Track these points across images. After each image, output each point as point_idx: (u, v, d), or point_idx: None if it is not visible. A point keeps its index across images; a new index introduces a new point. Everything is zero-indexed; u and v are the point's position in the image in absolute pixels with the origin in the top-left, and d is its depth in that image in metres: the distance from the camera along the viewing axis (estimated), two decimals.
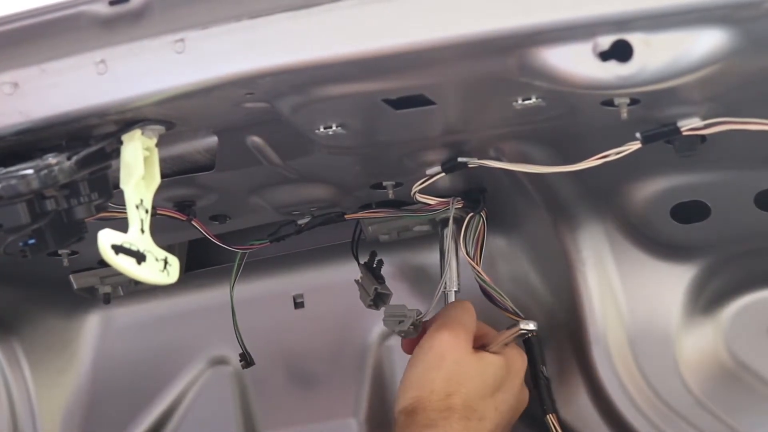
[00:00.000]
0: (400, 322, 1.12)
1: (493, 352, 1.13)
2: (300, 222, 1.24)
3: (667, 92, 0.82)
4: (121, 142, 0.89)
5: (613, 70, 0.78)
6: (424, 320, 1.14)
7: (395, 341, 1.34)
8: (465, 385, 1.08)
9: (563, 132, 0.96)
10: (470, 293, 1.19)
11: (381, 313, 1.19)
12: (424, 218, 1.21)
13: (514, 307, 1.19)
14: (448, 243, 1.16)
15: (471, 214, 1.16)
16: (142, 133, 0.89)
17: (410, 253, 1.35)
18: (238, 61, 0.83)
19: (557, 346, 1.24)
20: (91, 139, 0.90)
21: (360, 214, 1.21)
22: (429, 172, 1.08)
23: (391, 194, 1.13)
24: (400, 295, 1.28)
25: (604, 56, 0.78)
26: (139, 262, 0.85)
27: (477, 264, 1.17)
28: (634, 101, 0.84)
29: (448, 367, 1.09)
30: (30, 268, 1.27)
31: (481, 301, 1.20)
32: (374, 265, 1.27)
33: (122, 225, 0.87)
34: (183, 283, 1.32)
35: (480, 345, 1.13)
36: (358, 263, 1.27)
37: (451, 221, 1.15)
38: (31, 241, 0.86)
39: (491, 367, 1.12)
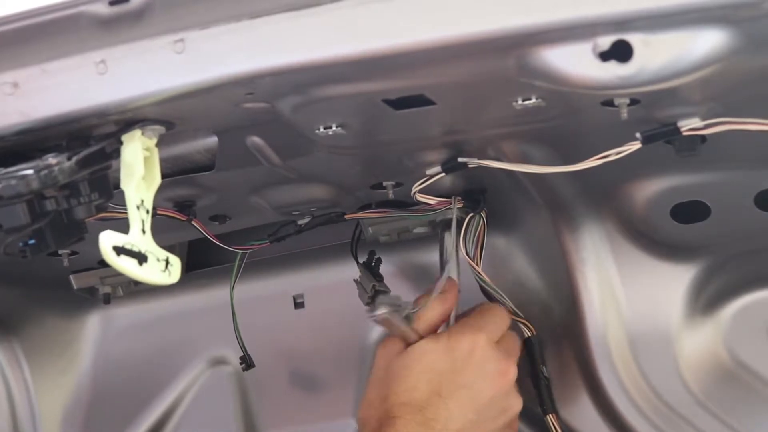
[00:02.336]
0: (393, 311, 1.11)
1: (427, 340, 1.09)
2: (300, 222, 1.24)
3: (667, 92, 0.82)
4: (121, 142, 0.89)
5: (613, 70, 0.78)
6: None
7: None
8: (391, 388, 1.06)
9: (563, 132, 0.96)
10: (470, 293, 1.19)
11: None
12: (425, 218, 1.21)
13: (514, 307, 1.19)
14: (451, 242, 1.16)
15: (471, 214, 1.16)
16: (143, 134, 0.89)
17: (410, 253, 1.35)
18: (238, 61, 0.83)
19: (557, 346, 1.24)
20: (92, 139, 0.90)
21: (360, 214, 1.22)
22: (429, 172, 1.08)
23: (391, 194, 1.13)
24: (400, 295, 1.28)
25: (604, 56, 0.78)
26: (140, 263, 0.86)
27: (477, 264, 1.17)
28: (634, 101, 0.84)
29: (378, 375, 1.10)
30: (30, 268, 1.27)
31: (482, 300, 1.20)
32: (373, 264, 1.27)
33: (122, 225, 0.87)
34: (183, 284, 1.31)
35: None
36: (357, 263, 1.27)
37: (454, 220, 1.15)
38: (31, 242, 0.86)
39: (419, 359, 1.07)
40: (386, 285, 1.25)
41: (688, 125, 0.89)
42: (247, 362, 1.32)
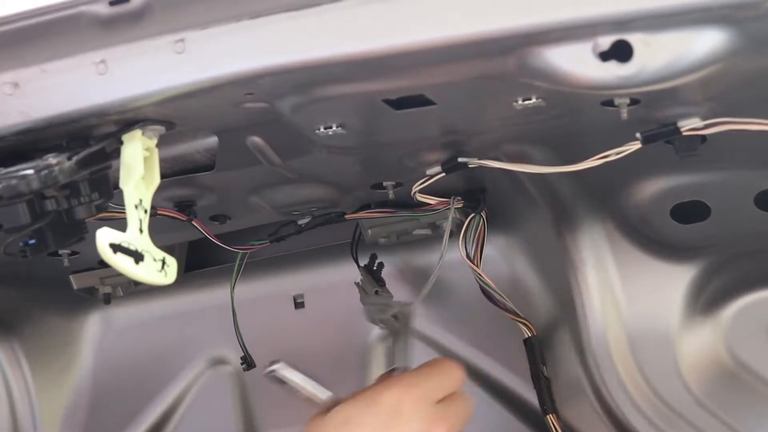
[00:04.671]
0: (381, 310, 1.10)
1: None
2: (300, 222, 1.24)
3: (667, 92, 0.82)
4: (121, 142, 0.89)
5: (613, 71, 0.78)
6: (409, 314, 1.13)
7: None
8: None
9: (563, 132, 0.96)
10: (470, 293, 1.19)
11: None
12: (425, 218, 1.21)
13: (514, 308, 1.19)
14: (445, 241, 1.15)
15: (472, 214, 1.17)
16: (143, 134, 0.89)
17: (410, 255, 1.35)
18: (238, 61, 0.83)
19: (557, 346, 1.25)
20: (92, 139, 0.89)
21: (360, 215, 1.22)
22: (429, 172, 1.08)
23: (391, 194, 1.13)
24: (400, 297, 1.28)
25: (604, 56, 0.78)
26: (137, 262, 0.85)
27: (477, 265, 1.17)
28: (634, 101, 0.84)
29: None
30: (30, 268, 1.27)
31: (481, 301, 1.20)
32: (374, 268, 1.27)
33: (122, 225, 0.87)
34: (183, 284, 1.32)
35: None
36: (358, 266, 1.27)
37: (449, 220, 1.15)
38: (32, 242, 0.86)
39: (338, 415, 1.03)
40: (388, 290, 1.25)
41: (688, 125, 0.89)
42: (248, 362, 1.32)
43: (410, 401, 1.01)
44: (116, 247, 0.84)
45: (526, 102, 0.87)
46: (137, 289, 1.39)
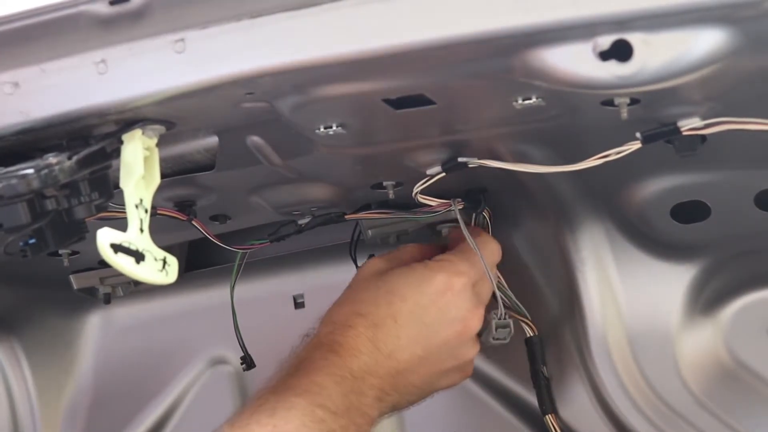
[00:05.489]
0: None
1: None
2: (300, 222, 1.24)
3: (667, 92, 0.82)
4: (121, 142, 0.89)
5: (612, 70, 0.78)
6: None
7: None
8: (355, 300, 1.10)
9: (563, 132, 0.96)
10: None
11: None
12: (424, 220, 1.21)
13: (524, 309, 1.19)
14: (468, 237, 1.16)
15: (476, 212, 1.17)
16: (143, 133, 0.89)
17: None
18: (238, 61, 0.83)
19: (557, 346, 1.25)
20: (92, 138, 0.90)
21: (360, 215, 1.21)
22: (429, 172, 1.08)
23: (391, 194, 1.13)
24: None
25: (604, 56, 0.78)
26: (137, 262, 0.85)
27: None
28: (634, 101, 0.84)
29: (352, 286, 1.13)
30: (30, 268, 1.27)
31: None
32: None
33: (123, 225, 0.87)
34: (183, 283, 1.32)
35: None
36: (356, 266, 1.27)
37: (461, 220, 1.15)
38: (32, 241, 0.86)
39: (389, 280, 1.10)
40: None
41: (688, 125, 0.89)
42: (247, 362, 1.32)
43: (455, 289, 1.09)
44: (117, 247, 0.84)
45: (526, 102, 0.87)
46: (137, 289, 1.39)
